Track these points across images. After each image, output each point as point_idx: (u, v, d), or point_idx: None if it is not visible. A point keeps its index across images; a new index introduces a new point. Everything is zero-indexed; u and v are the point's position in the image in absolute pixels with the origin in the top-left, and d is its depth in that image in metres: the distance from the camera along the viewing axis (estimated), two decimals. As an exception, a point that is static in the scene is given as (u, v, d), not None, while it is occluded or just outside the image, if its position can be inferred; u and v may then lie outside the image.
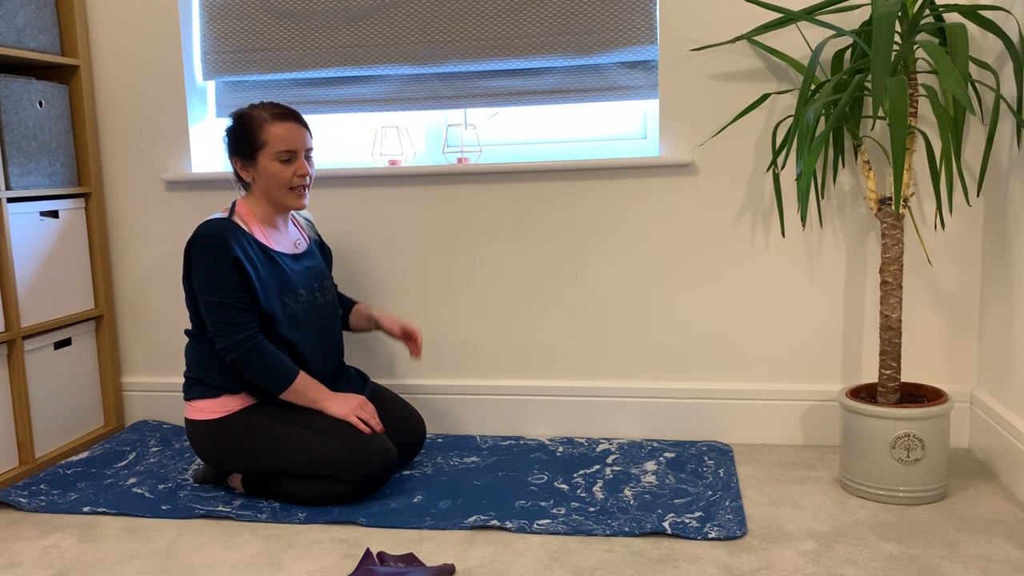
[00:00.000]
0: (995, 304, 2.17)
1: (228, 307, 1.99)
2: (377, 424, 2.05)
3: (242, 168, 2.08)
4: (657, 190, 2.38)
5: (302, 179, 2.07)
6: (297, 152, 2.06)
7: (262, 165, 2.05)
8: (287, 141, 2.04)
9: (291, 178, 2.06)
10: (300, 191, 2.09)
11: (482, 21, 2.40)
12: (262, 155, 2.04)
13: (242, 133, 2.06)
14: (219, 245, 1.98)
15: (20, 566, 1.80)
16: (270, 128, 2.03)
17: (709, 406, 2.43)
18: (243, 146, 2.06)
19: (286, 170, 2.05)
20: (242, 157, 2.07)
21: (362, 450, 1.99)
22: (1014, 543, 1.76)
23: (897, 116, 1.71)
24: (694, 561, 1.72)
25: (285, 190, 2.07)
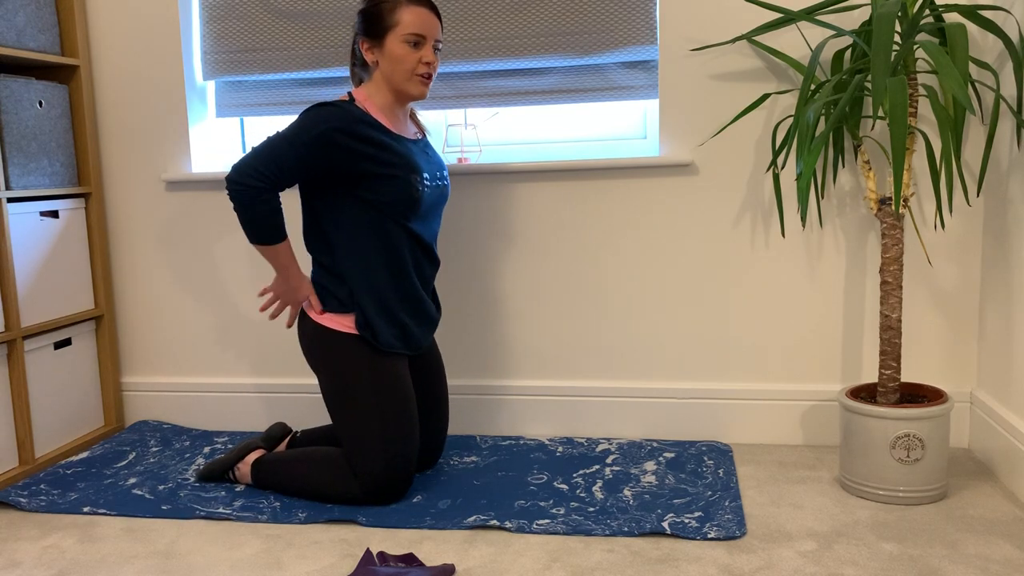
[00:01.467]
0: (995, 304, 2.17)
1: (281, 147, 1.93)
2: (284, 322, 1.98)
3: (368, 49, 2.03)
4: (657, 190, 2.38)
5: (427, 67, 2.01)
6: (427, 38, 2.01)
7: (389, 47, 2.00)
8: (419, 25, 1.99)
9: (416, 64, 2.01)
10: (424, 79, 2.03)
11: (482, 21, 2.40)
12: (391, 36, 1.99)
13: (375, 12, 2.01)
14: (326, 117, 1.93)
15: (20, 566, 1.80)
16: (404, 10, 1.99)
17: (709, 406, 2.43)
18: (373, 25, 2.01)
19: (413, 54, 2.00)
20: (370, 37, 2.02)
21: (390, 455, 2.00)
22: (1014, 543, 1.76)
23: (897, 116, 1.71)
24: (694, 561, 1.72)
25: (409, 75, 2.01)
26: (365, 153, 1.96)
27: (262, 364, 2.65)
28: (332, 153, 1.94)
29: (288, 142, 1.94)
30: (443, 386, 2.25)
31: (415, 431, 2.05)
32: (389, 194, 1.99)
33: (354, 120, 1.96)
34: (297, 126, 1.95)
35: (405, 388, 2.05)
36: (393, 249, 2.03)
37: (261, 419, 2.65)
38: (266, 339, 2.63)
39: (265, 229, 1.99)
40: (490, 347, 2.52)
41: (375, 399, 2.01)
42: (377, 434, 1.99)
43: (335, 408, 2.04)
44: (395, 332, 2.06)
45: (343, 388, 2.02)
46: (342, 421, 2.03)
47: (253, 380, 2.65)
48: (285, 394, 2.63)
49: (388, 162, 1.98)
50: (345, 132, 1.94)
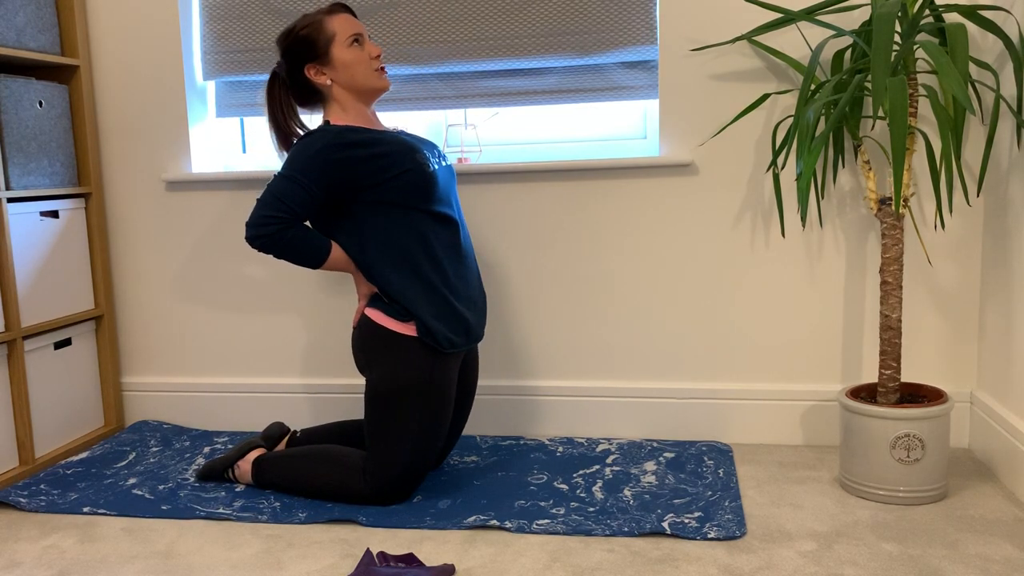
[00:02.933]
0: (995, 304, 2.17)
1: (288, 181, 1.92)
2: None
3: (317, 73, 2.04)
4: (657, 190, 2.38)
5: (378, 59, 2.05)
6: (362, 35, 2.05)
7: (338, 56, 2.02)
8: (350, 27, 2.03)
9: (369, 59, 2.04)
10: (381, 70, 2.06)
11: (482, 21, 2.40)
12: (335, 47, 2.01)
13: (305, 38, 2.02)
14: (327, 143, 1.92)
15: (20, 566, 1.80)
16: (329, 21, 2.02)
17: (709, 406, 2.43)
18: (311, 49, 2.02)
19: (361, 52, 2.03)
20: (316, 61, 2.03)
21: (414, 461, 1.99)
22: (1014, 543, 1.76)
23: (897, 116, 1.71)
24: (694, 561, 1.72)
25: (369, 71, 2.04)
26: (364, 156, 1.95)
27: (262, 364, 2.65)
28: (336, 172, 1.93)
29: (289, 179, 1.93)
30: (474, 387, 2.25)
31: (442, 440, 2.05)
32: (403, 185, 1.97)
33: (339, 132, 1.96)
34: (291, 162, 1.95)
35: (450, 396, 2.04)
36: (426, 239, 2.00)
37: (261, 419, 2.65)
38: (266, 339, 2.63)
39: (307, 254, 1.97)
40: (490, 347, 2.52)
41: (421, 407, 1.99)
42: (410, 440, 1.98)
43: (377, 406, 2.00)
44: (455, 328, 2.02)
45: (394, 388, 1.98)
46: (380, 419, 2.00)
47: (253, 380, 2.65)
48: (285, 394, 2.63)
49: (386, 153, 1.97)
50: (338, 145, 1.94)
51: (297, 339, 2.61)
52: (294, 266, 2.58)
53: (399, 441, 1.98)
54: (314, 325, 2.60)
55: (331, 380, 2.61)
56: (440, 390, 2.01)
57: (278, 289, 2.60)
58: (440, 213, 2.03)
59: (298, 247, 1.95)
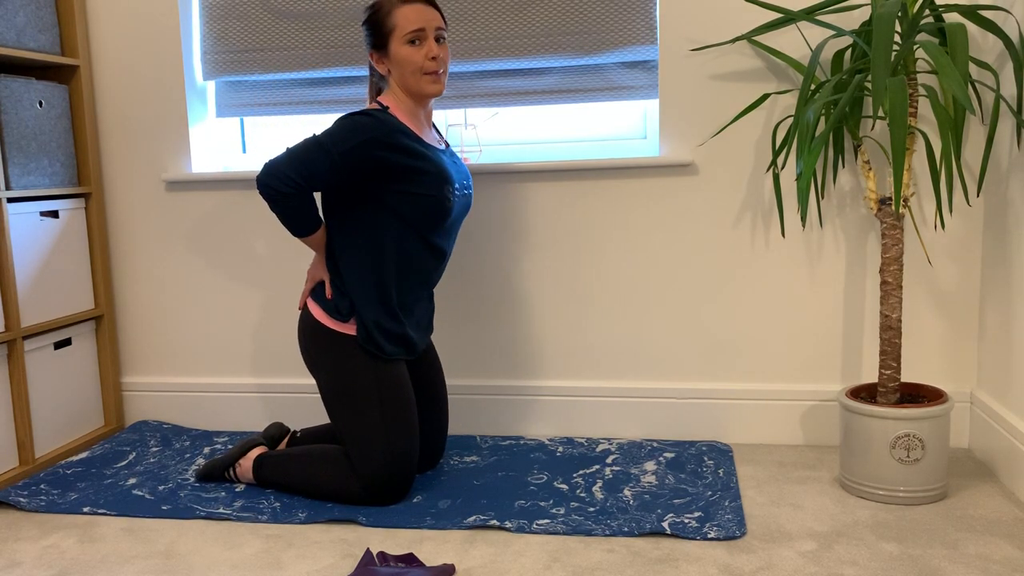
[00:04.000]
0: (995, 304, 2.17)
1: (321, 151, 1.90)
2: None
3: (378, 61, 2.02)
4: (657, 190, 2.38)
5: (434, 62, 1.98)
6: (426, 31, 1.97)
7: (394, 51, 1.99)
8: (415, 21, 1.96)
9: (423, 61, 1.97)
10: (434, 76, 2.00)
11: (482, 21, 2.40)
12: (393, 40, 1.98)
13: (373, 22, 2.00)
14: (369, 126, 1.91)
15: (20, 566, 1.80)
16: (398, 11, 1.97)
17: (709, 406, 2.43)
18: (375, 35, 2.00)
19: (417, 52, 1.97)
20: (376, 48, 2.02)
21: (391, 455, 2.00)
22: (1014, 543, 1.76)
23: (897, 116, 1.71)
24: (694, 561, 1.72)
25: (419, 75, 1.98)
26: (402, 164, 1.94)
27: (262, 364, 2.65)
28: (367, 165, 1.93)
29: (324, 150, 1.91)
30: (442, 385, 2.25)
31: (415, 431, 2.04)
32: (420, 207, 1.98)
33: (392, 130, 1.94)
34: (335, 134, 1.92)
35: (405, 388, 2.05)
36: (410, 261, 2.03)
37: (261, 419, 2.65)
38: (266, 339, 2.63)
39: (298, 223, 1.98)
40: (490, 347, 2.52)
41: (376, 400, 2.00)
42: (378, 435, 1.99)
43: (335, 408, 2.04)
44: (395, 342, 2.05)
45: (343, 389, 2.02)
46: (342, 422, 2.03)
47: (253, 380, 2.65)
48: (285, 394, 2.63)
49: (423, 170, 1.96)
50: (383, 144, 1.92)
51: (297, 339, 2.61)
52: (293, 266, 2.57)
53: (367, 440, 2.00)
54: (314, 325, 2.59)
55: (331, 380, 2.61)
56: (390, 386, 2.02)
57: (278, 289, 2.60)
58: (435, 244, 2.05)
59: (295, 214, 1.96)
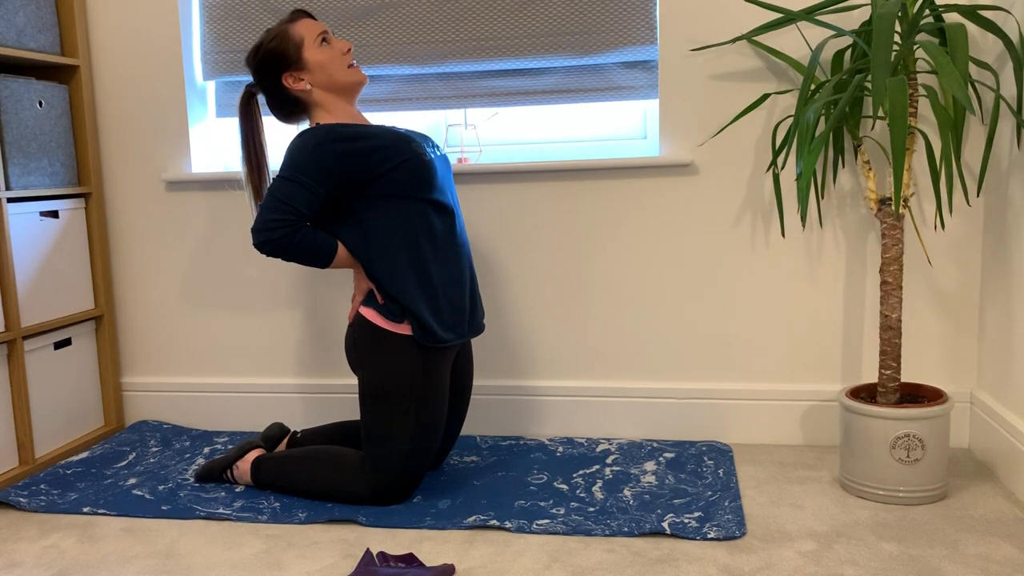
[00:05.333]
0: (995, 304, 2.17)
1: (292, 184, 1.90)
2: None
3: (296, 80, 2.03)
4: (657, 190, 2.38)
5: (348, 54, 2.05)
6: (327, 34, 2.05)
7: (310, 58, 2.02)
8: (313, 28, 2.04)
9: (340, 55, 2.04)
10: (355, 66, 2.07)
11: (482, 21, 2.40)
12: (305, 50, 2.01)
13: (275, 50, 2.02)
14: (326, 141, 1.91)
15: (20, 566, 1.80)
16: (294, 28, 2.03)
17: (709, 406, 2.43)
18: (283, 58, 2.02)
19: (331, 50, 2.03)
20: (291, 68, 2.03)
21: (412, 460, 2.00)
22: (1014, 543, 1.76)
23: (897, 116, 1.71)
24: (694, 561, 1.72)
25: (344, 67, 2.04)
26: (360, 148, 1.93)
27: (262, 364, 2.65)
28: (332, 165, 1.92)
29: (288, 181, 1.91)
30: (470, 388, 2.25)
31: (441, 433, 2.05)
32: (403, 175, 1.96)
33: (331, 127, 1.95)
34: (286, 163, 1.94)
35: (444, 395, 2.04)
36: (428, 227, 1.99)
37: (261, 419, 2.65)
38: (266, 339, 2.63)
39: (315, 254, 1.95)
40: (490, 347, 2.52)
41: (416, 406, 1.99)
42: (407, 440, 1.98)
43: (372, 406, 2.00)
44: (450, 322, 2.02)
45: (386, 389, 1.99)
46: (375, 419, 2.00)
47: (253, 380, 2.65)
48: (285, 394, 2.63)
49: (383, 145, 1.95)
50: (332, 140, 1.92)
51: (297, 339, 2.61)
52: (293, 266, 2.57)
53: (395, 441, 1.98)
54: (314, 325, 2.60)
55: (331, 380, 2.61)
56: (434, 388, 2.01)
57: (278, 289, 2.60)
58: (439, 202, 2.02)
59: (306, 249, 1.94)
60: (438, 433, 2.04)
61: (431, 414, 2.01)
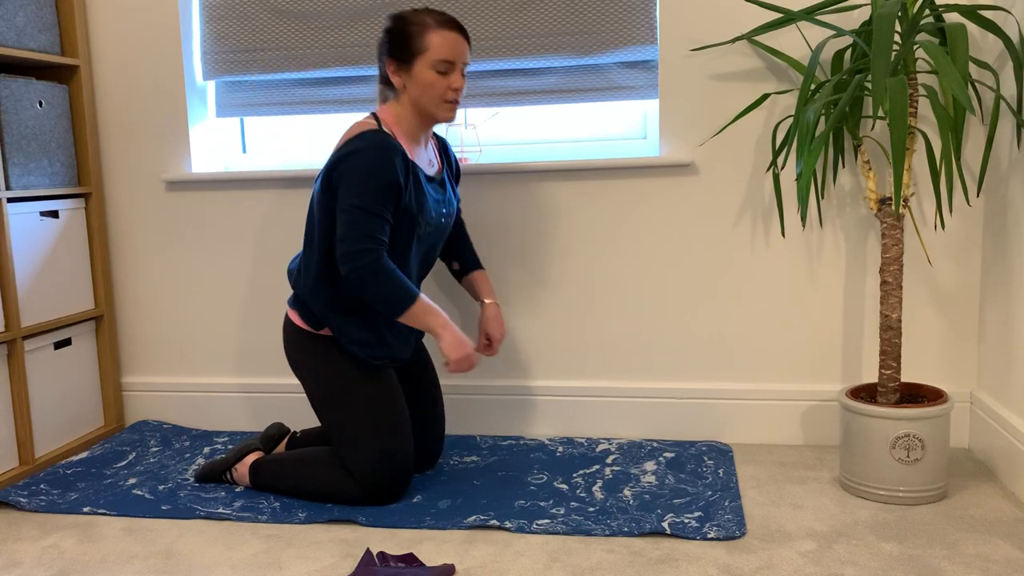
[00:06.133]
0: (995, 304, 2.17)
1: (371, 215, 1.89)
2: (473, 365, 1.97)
3: (395, 72, 1.99)
4: (657, 190, 2.38)
5: (456, 92, 1.99)
6: (456, 64, 1.98)
7: (418, 72, 1.97)
8: (448, 51, 1.96)
9: (446, 90, 1.98)
10: (452, 104, 2.01)
11: (482, 21, 2.40)
12: (420, 61, 1.96)
13: (402, 35, 1.96)
14: (386, 165, 1.90)
15: (20, 566, 1.80)
16: (433, 34, 1.95)
17: (709, 406, 2.43)
18: (401, 48, 1.97)
19: (442, 81, 1.97)
20: (397, 60, 1.98)
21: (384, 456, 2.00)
22: (1014, 543, 1.76)
23: (897, 116, 1.71)
24: (694, 561, 1.72)
25: (438, 101, 1.98)
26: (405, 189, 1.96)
27: (263, 364, 2.65)
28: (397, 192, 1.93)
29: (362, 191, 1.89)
30: (436, 385, 2.26)
31: (407, 430, 2.05)
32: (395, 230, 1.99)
33: (400, 154, 1.93)
34: (360, 180, 1.89)
35: (392, 388, 2.05)
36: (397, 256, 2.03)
37: (261, 419, 2.65)
38: (266, 339, 2.63)
39: (401, 290, 1.92)
40: (490, 347, 2.52)
41: (364, 401, 2.01)
42: (369, 436, 1.99)
43: (324, 412, 2.05)
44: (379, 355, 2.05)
45: (330, 392, 2.03)
46: (332, 425, 2.03)
47: (253, 380, 2.65)
48: (285, 394, 2.63)
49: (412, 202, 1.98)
50: (402, 171, 1.93)
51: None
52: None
53: (359, 441, 2.00)
54: (314, 325, 2.60)
55: (331, 380, 2.61)
56: (377, 386, 2.03)
57: (278, 289, 2.60)
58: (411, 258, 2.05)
59: (394, 280, 1.91)
60: (403, 427, 2.03)
61: (385, 412, 2.02)
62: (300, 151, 2.67)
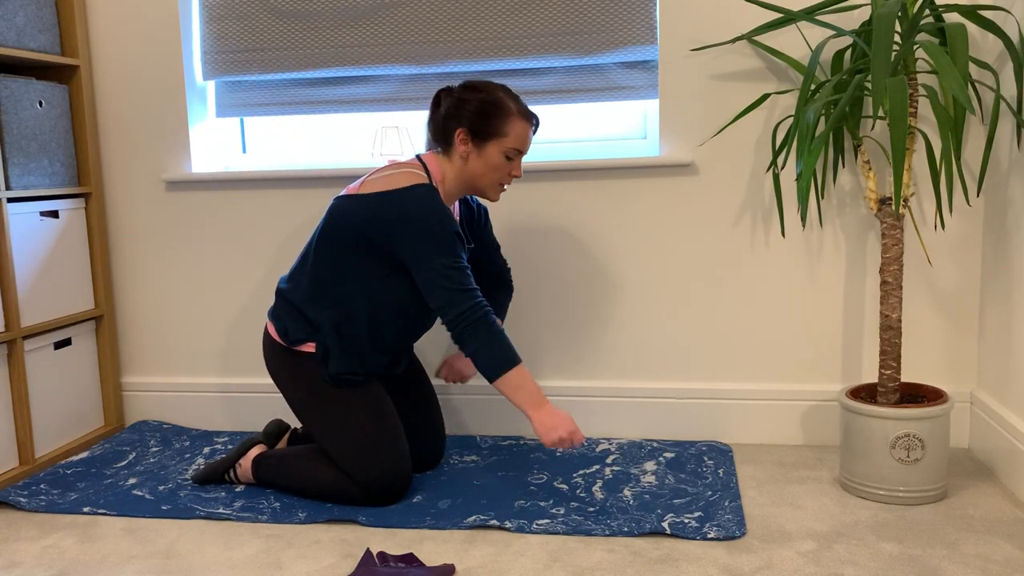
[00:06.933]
0: (995, 304, 2.17)
1: (461, 271, 1.90)
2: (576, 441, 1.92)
3: (464, 142, 1.99)
4: (657, 190, 2.38)
5: (508, 179, 2.04)
6: (522, 153, 2.03)
7: (489, 153, 1.99)
8: (523, 140, 2.00)
9: (506, 176, 2.03)
10: (503, 187, 2.06)
11: (482, 21, 2.40)
12: (494, 144, 1.98)
13: (488, 113, 1.98)
14: (448, 215, 1.92)
15: (20, 566, 1.80)
16: (515, 123, 1.98)
17: (709, 406, 2.43)
18: (480, 125, 1.98)
19: (506, 167, 2.01)
20: (474, 135, 1.99)
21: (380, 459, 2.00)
22: (1014, 543, 1.76)
23: (897, 116, 1.71)
24: (694, 561, 1.72)
25: (496, 184, 2.03)
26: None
27: (262, 364, 2.64)
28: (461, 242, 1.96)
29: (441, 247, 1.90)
30: (430, 390, 2.28)
31: (396, 430, 2.05)
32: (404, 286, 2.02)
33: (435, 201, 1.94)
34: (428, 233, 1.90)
35: (375, 392, 2.07)
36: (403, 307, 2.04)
37: (261, 419, 2.65)
38: (266, 339, 2.63)
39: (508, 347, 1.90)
40: (490, 347, 2.52)
41: (345, 409, 2.02)
42: (358, 442, 2.00)
43: (311, 425, 2.06)
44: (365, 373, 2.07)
45: (312, 404, 2.04)
46: (321, 436, 2.04)
47: (253, 380, 2.65)
48: (285, 394, 2.63)
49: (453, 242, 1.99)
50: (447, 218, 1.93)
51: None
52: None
53: (352, 450, 2.00)
54: (314, 325, 2.60)
55: (331, 380, 2.61)
56: (358, 392, 2.04)
57: (278, 289, 2.60)
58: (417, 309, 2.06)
59: (502, 337, 1.90)
60: (394, 429, 2.04)
61: (371, 415, 2.02)
62: (300, 151, 2.67)
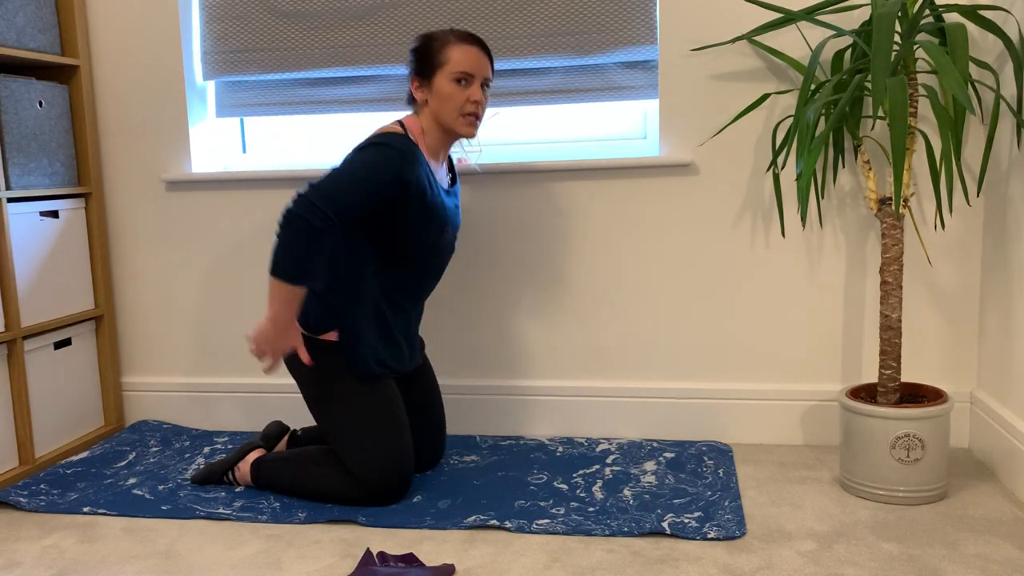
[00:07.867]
0: (995, 304, 2.17)
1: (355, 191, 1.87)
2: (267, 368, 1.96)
3: (418, 88, 2.03)
4: (657, 190, 2.38)
5: (474, 105, 2.01)
6: (474, 77, 2.00)
7: (437, 85, 2.00)
8: (467, 63, 1.98)
9: (463, 103, 2.00)
10: (472, 119, 2.02)
11: (482, 21, 2.40)
12: (439, 74, 1.99)
13: (424, 50, 2.01)
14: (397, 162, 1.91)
15: (20, 566, 1.80)
16: (453, 48, 1.99)
17: (709, 406, 2.43)
18: (423, 63, 2.01)
19: (460, 93, 1.99)
20: (420, 76, 2.02)
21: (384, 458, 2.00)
22: (1014, 543, 1.76)
23: (897, 116, 1.71)
24: (694, 561, 1.72)
25: (456, 115, 2.00)
26: (416, 202, 1.97)
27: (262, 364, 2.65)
28: (394, 198, 1.95)
29: (356, 184, 1.88)
30: (435, 388, 2.27)
31: (405, 431, 2.05)
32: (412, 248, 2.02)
33: (417, 163, 1.95)
34: (367, 168, 1.90)
35: (391, 393, 2.06)
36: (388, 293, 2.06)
37: (261, 419, 2.65)
38: (266, 339, 2.63)
39: (301, 267, 1.88)
40: (490, 347, 2.52)
41: (363, 407, 2.02)
42: (368, 439, 2.00)
43: (322, 418, 2.06)
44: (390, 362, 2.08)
45: (327, 396, 2.04)
46: (331, 429, 2.04)
47: (253, 380, 2.65)
48: (285, 394, 2.63)
49: (428, 218, 2.00)
50: (411, 181, 1.94)
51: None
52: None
53: (357, 445, 2.00)
54: (314, 325, 2.59)
55: (331, 380, 2.61)
56: (373, 389, 2.04)
57: (278, 289, 2.60)
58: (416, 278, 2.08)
59: (312, 253, 1.88)
60: (401, 428, 2.04)
61: (382, 414, 2.02)
62: (300, 151, 2.67)
